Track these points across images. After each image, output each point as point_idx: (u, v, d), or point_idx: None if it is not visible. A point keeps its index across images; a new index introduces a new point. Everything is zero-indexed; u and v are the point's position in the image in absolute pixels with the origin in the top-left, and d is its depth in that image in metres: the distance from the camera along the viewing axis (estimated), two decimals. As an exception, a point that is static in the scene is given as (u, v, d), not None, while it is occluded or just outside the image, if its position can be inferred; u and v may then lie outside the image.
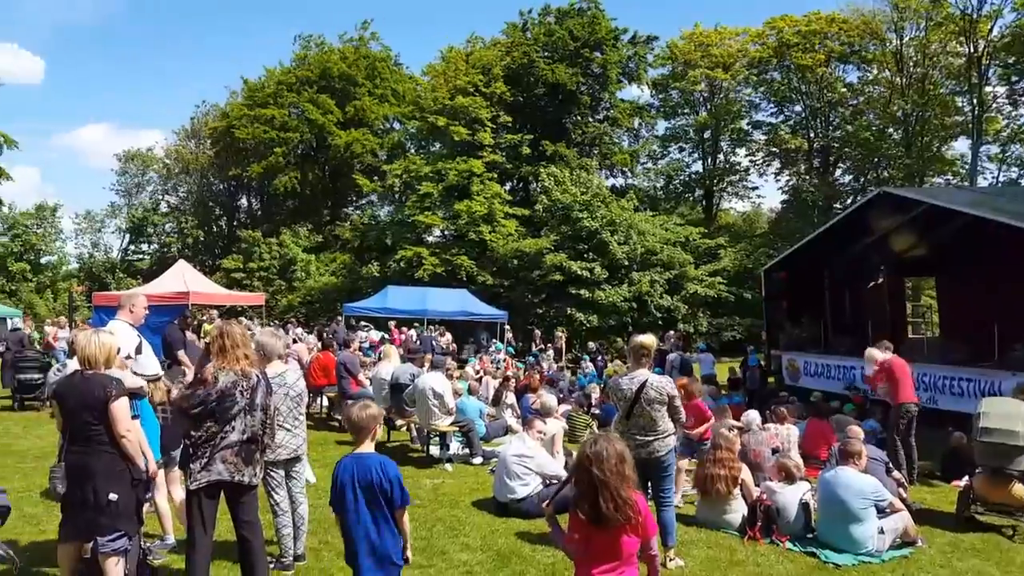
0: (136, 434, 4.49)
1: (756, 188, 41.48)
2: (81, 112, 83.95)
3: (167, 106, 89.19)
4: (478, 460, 9.03)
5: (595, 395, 13.06)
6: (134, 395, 4.86)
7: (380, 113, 37.83)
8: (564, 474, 6.85)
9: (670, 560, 5.45)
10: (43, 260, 38.49)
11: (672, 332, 20.48)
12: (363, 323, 21.82)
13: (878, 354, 8.76)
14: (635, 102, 36.64)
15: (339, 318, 21.65)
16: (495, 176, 30.31)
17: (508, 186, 33.37)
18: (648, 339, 5.68)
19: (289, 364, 5.80)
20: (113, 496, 4.24)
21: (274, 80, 37.93)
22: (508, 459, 6.92)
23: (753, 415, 8.73)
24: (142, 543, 4.80)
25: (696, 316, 27.93)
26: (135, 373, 5.29)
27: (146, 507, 4.98)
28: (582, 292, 25.52)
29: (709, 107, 36.62)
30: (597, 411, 11.86)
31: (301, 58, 39.16)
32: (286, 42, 78.81)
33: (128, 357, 5.34)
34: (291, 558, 5.22)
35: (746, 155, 37.93)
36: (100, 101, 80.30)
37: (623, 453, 3.34)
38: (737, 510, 6.54)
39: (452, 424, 9.13)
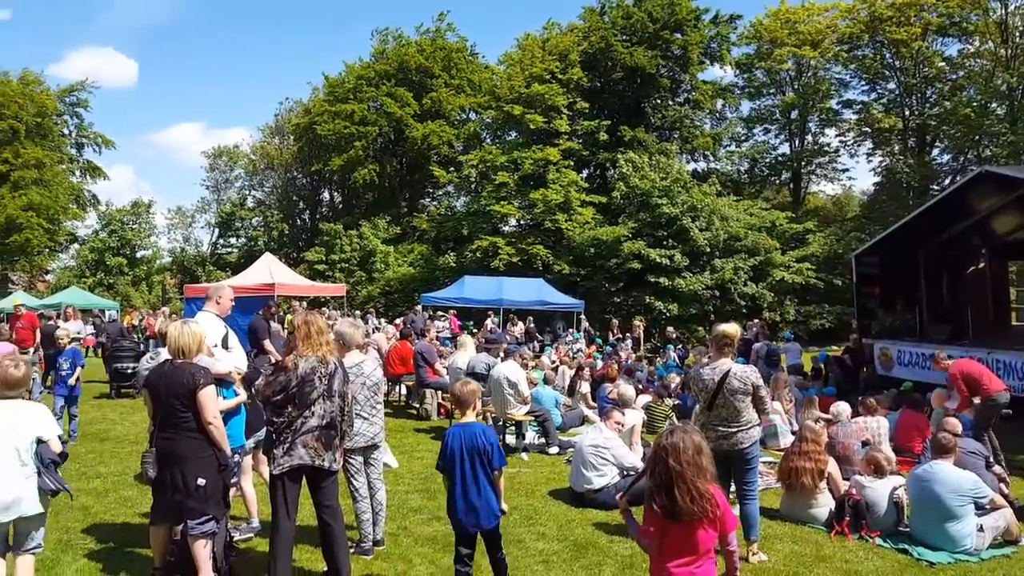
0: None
1: (847, 170, 39.45)
2: (173, 112, 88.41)
3: (253, 104, 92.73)
4: (554, 450, 8.97)
5: (674, 385, 12.75)
6: (221, 382, 5.02)
7: (456, 104, 38.11)
8: (642, 466, 6.71)
9: (753, 555, 5.30)
10: (138, 254, 40.35)
11: (756, 321, 19.82)
12: (440, 313, 22.09)
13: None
14: (717, 83, 35.61)
15: (417, 308, 22.00)
16: (571, 164, 30.09)
17: (585, 173, 33.06)
18: (731, 328, 5.53)
19: (367, 354, 5.87)
20: (201, 481, 4.40)
21: (353, 75, 38.75)
22: (585, 449, 6.82)
23: (842, 406, 8.35)
24: (228, 526, 4.97)
25: (783, 304, 26.97)
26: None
27: (232, 491, 5.17)
28: (661, 280, 25.04)
29: (796, 86, 35.09)
30: (676, 401, 11.58)
31: (379, 52, 39.85)
32: (366, 37, 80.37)
33: (215, 346, 5.50)
34: (370, 543, 5.29)
35: (836, 135, 36.21)
36: (190, 101, 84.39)
37: (700, 444, 3.26)
38: (824, 504, 6.28)
39: (528, 413, 9.09)
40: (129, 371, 12.62)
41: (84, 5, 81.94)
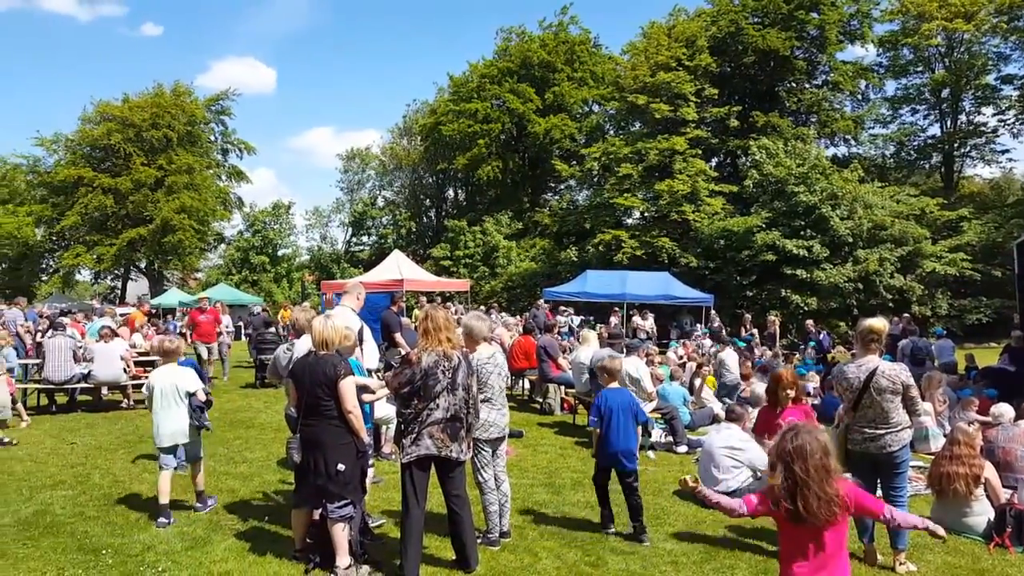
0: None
1: (1007, 151, 35.75)
2: (309, 116, 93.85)
3: (383, 106, 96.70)
4: (682, 449, 8.70)
5: (813, 384, 12.03)
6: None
7: (579, 97, 37.95)
8: None
9: (900, 564, 5.00)
10: (279, 253, 42.96)
11: (904, 315, 18.36)
12: (563, 307, 22.07)
13: None
14: (858, 63, 33.30)
15: (539, 303, 22.06)
16: (699, 152, 29.17)
17: (714, 162, 31.97)
18: (878, 323, 5.13)
19: (493, 345, 5.90)
20: (341, 466, 4.62)
21: (477, 74, 39.48)
22: (715, 450, 6.57)
23: (1004, 408, 7.53)
24: (365, 512, 5.17)
25: (934, 297, 24.88)
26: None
27: (371, 472, 5.43)
28: (798, 272, 23.79)
29: (947, 62, 32.10)
30: (816, 402, 10.90)
31: (503, 50, 40.34)
32: (490, 37, 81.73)
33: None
34: (497, 534, 5.33)
35: (994, 114, 32.73)
36: (323, 105, 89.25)
37: (827, 445, 3.06)
38: (980, 513, 5.75)
39: (654, 411, 8.86)
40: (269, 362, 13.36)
41: (227, 18, 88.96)
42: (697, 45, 29.86)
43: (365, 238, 46.14)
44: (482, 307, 24.68)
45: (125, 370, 11.46)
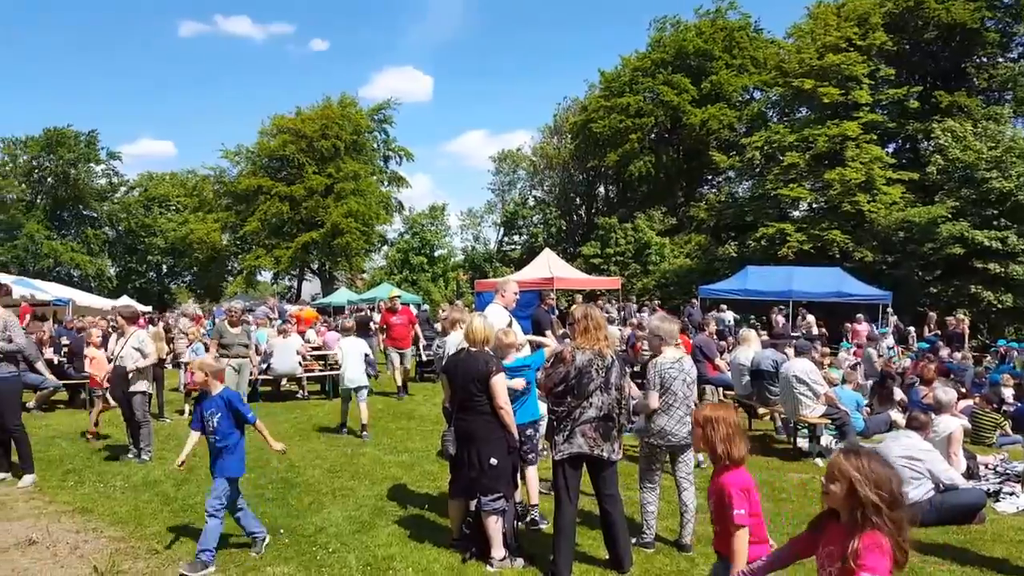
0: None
1: None
2: (463, 121, 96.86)
3: (532, 107, 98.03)
4: (855, 457, 8.00)
5: (1009, 390, 10.70)
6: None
7: (738, 85, 36.33)
8: (961, 481, 5.95)
9: None
10: (436, 253, 44.56)
11: None
12: (721, 305, 21.26)
13: None
14: (1065, 29, 29.15)
15: (694, 300, 21.36)
16: (874, 138, 26.94)
17: (891, 148, 29.52)
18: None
19: (680, 349, 5.73)
20: (493, 460, 4.72)
21: (629, 68, 38.87)
22: (893, 459, 5.95)
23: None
24: (517, 506, 5.23)
25: None
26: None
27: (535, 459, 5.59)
28: (991, 267, 21.29)
29: None
30: (1010, 409, 9.70)
31: (656, 41, 39.45)
32: (642, 30, 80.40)
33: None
34: (652, 536, 5.21)
35: None
36: (476, 109, 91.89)
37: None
38: None
39: (824, 416, 8.24)
40: (430, 358, 13.95)
41: (387, 31, 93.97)
42: (870, 23, 27.53)
43: (516, 237, 46.95)
44: (633, 305, 24.26)
45: (300, 363, 12.44)
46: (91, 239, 45.34)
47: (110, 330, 12.12)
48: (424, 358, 14.41)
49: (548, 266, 20.93)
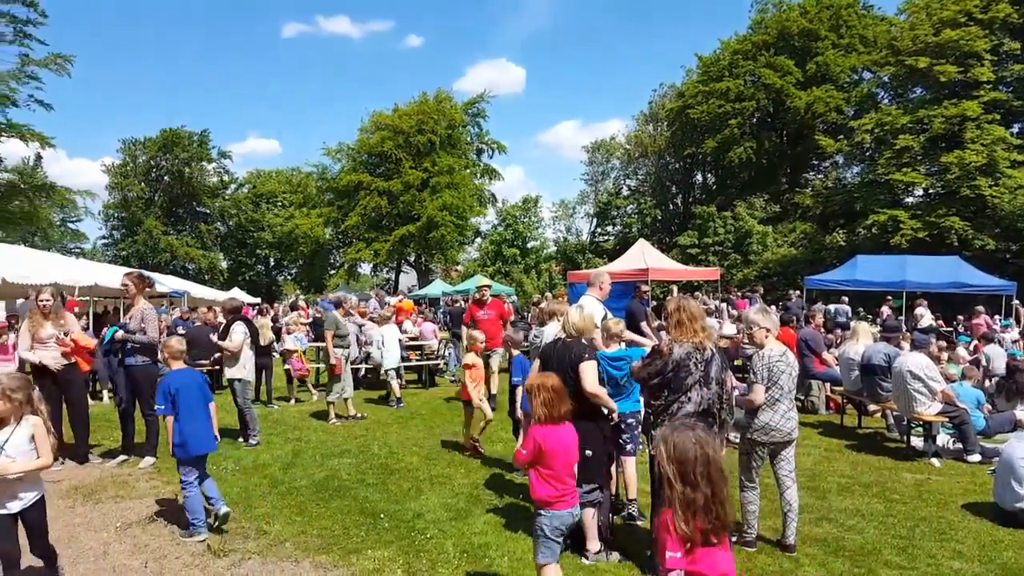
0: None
1: None
2: (556, 111, 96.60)
3: (627, 95, 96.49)
4: (975, 457, 7.53)
5: None
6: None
7: (846, 65, 34.52)
8: None
9: None
10: (528, 245, 45.13)
11: None
12: (843, 297, 20.31)
13: None
14: None
15: (792, 292, 20.49)
16: (997, 118, 25.09)
17: (1016, 128, 27.33)
18: None
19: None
20: (588, 452, 4.67)
21: (729, 51, 37.67)
22: (1016, 461, 5.64)
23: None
24: (612, 499, 5.20)
25: None
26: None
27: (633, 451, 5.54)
28: None
29: None
30: None
31: (758, 23, 38.09)
32: (743, 11, 77.49)
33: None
34: (754, 535, 5.06)
35: None
36: (569, 99, 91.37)
37: None
38: None
39: (941, 413, 7.75)
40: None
41: (480, 24, 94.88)
42: (993, -7, 25.57)
43: (610, 228, 46.57)
44: (731, 296, 23.56)
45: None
46: (204, 234, 48.45)
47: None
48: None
49: (643, 256, 20.57)
